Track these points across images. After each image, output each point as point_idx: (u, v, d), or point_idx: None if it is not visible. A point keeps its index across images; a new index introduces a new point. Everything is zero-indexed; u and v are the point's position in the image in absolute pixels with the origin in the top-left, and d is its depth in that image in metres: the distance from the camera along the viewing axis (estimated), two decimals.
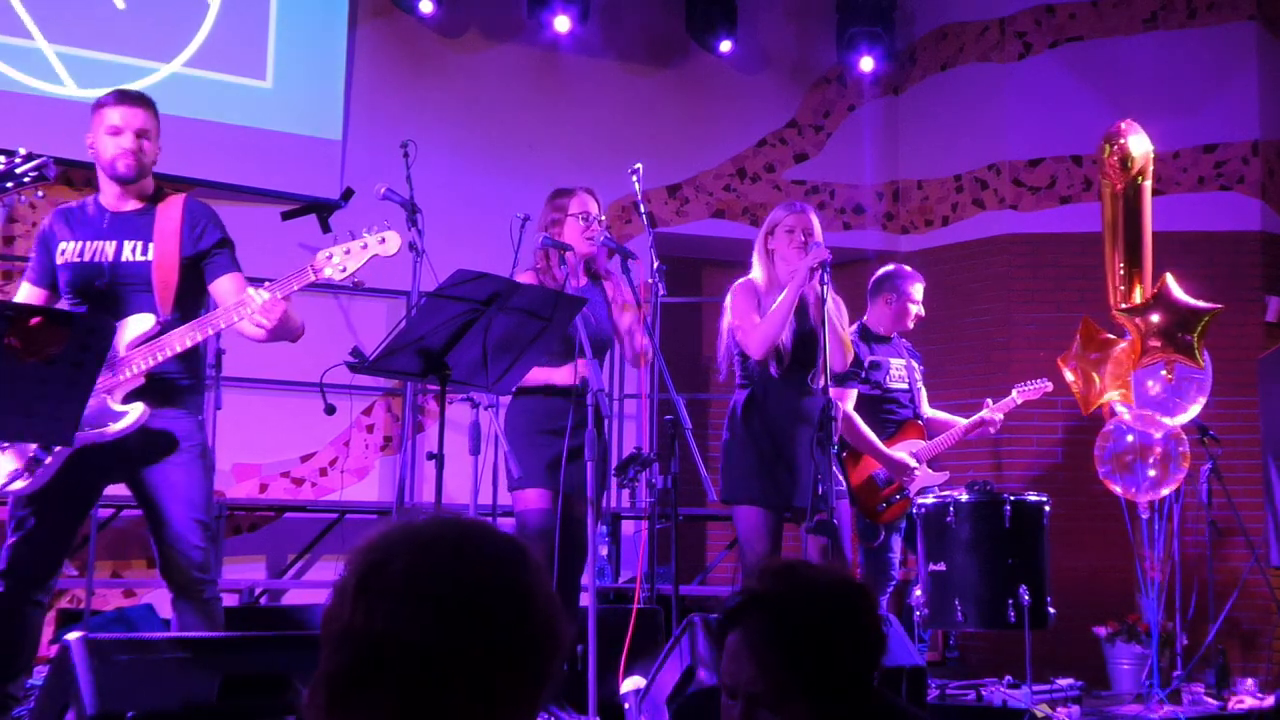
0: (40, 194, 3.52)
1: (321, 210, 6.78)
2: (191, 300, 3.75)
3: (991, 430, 6.19)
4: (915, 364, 6.16)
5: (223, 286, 3.75)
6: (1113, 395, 5.93)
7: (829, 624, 1.94)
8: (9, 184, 3.28)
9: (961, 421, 6.13)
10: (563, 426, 4.34)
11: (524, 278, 4.60)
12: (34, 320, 2.96)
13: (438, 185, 6.40)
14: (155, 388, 3.61)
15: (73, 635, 2.98)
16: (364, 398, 6.77)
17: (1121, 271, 5.93)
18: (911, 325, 6.08)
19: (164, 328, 3.61)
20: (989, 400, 6.18)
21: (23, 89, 6.21)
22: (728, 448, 4.75)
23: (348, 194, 6.81)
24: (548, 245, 4.58)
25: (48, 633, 5.49)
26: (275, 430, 6.67)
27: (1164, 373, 5.91)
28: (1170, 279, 5.87)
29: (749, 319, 4.72)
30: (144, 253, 3.67)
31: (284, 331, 3.67)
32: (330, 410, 4.31)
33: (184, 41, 6.60)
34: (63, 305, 3.74)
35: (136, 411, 3.56)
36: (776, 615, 1.94)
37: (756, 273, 4.83)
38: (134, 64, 6.44)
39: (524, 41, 7.54)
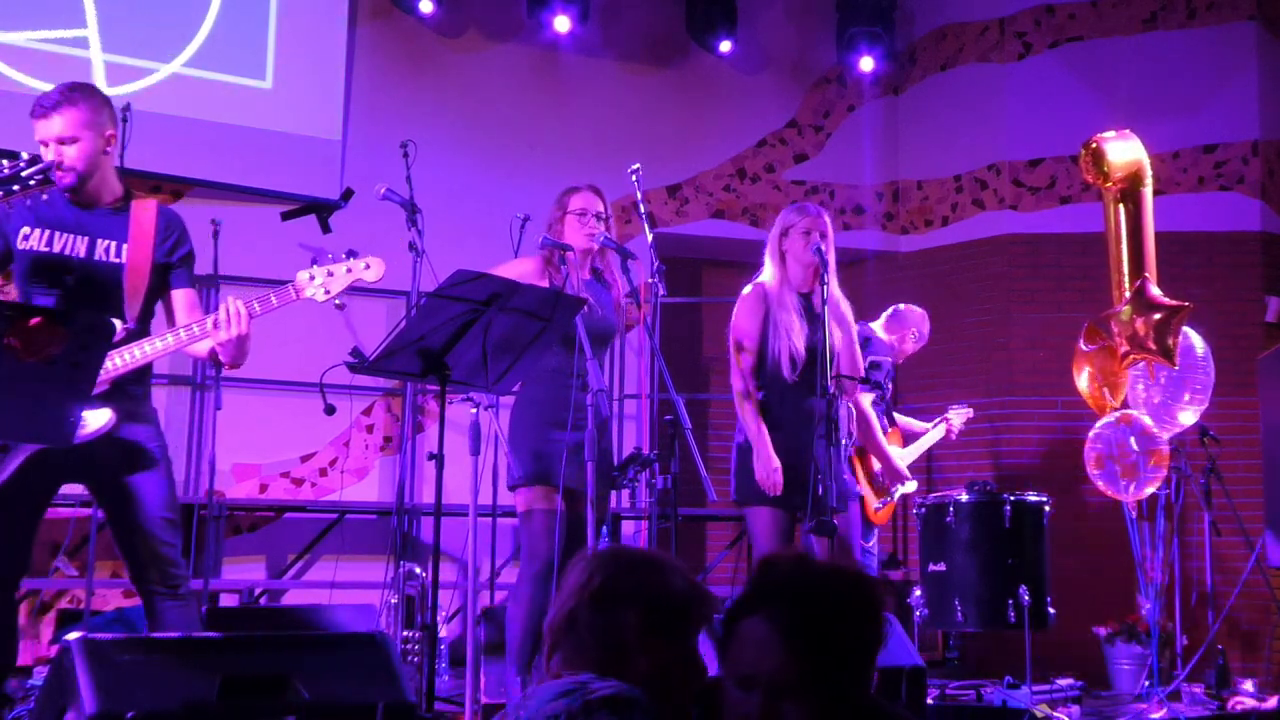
0: (45, 197, 3.50)
1: (321, 210, 6.78)
2: (154, 307, 3.72)
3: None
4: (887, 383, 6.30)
5: (178, 300, 3.71)
6: (1118, 398, 5.96)
7: (855, 610, 1.94)
8: (15, 188, 3.26)
9: (918, 425, 6.33)
10: (572, 419, 4.34)
11: (528, 262, 4.60)
12: (34, 320, 2.95)
13: (438, 185, 6.40)
14: (118, 393, 3.57)
15: (73, 635, 2.97)
16: (364, 398, 6.77)
17: (1127, 275, 5.94)
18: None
19: (129, 334, 3.56)
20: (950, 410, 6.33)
21: (23, 89, 6.21)
22: (742, 450, 4.75)
23: (348, 194, 6.81)
24: (547, 245, 4.58)
25: (47, 633, 5.50)
26: (275, 430, 6.67)
27: (1147, 374, 5.94)
28: (1149, 280, 5.89)
29: (745, 340, 4.77)
30: (117, 254, 3.60)
31: (237, 353, 3.62)
32: (330, 410, 4.30)
33: (184, 41, 6.60)
34: (12, 291, 3.64)
35: (104, 416, 3.51)
36: (806, 600, 1.92)
37: (768, 274, 4.82)
38: (134, 64, 6.44)
39: (524, 41, 7.54)
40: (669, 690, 2.15)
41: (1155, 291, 5.83)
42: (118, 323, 3.55)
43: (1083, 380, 6.02)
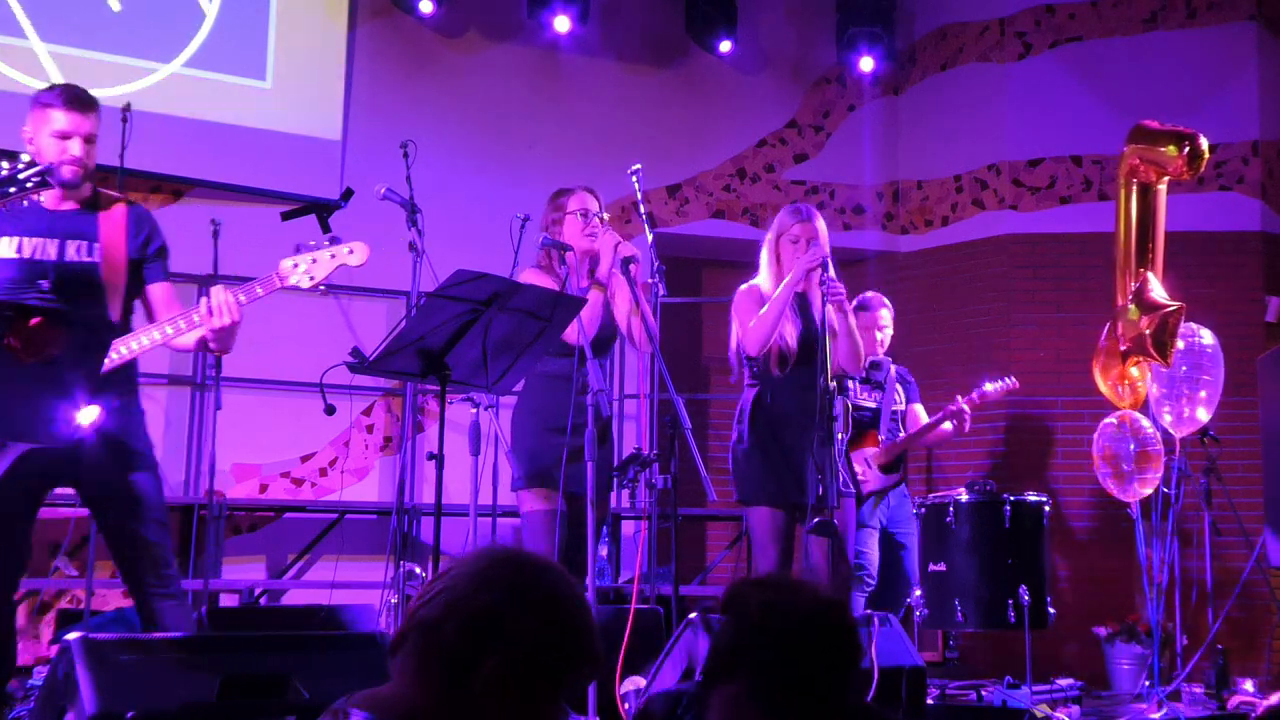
0: (39, 198, 3.50)
1: (321, 210, 6.78)
2: (133, 304, 3.71)
3: (965, 427, 6.15)
4: (900, 389, 6.22)
5: (155, 294, 3.72)
6: (1132, 396, 5.97)
7: (824, 651, 1.97)
8: (12, 189, 3.27)
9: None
10: (574, 424, 4.34)
11: (529, 274, 4.60)
12: (34, 320, 2.96)
13: (438, 185, 6.40)
14: (103, 390, 3.53)
15: (73, 635, 2.97)
16: (364, 398, 6.77)
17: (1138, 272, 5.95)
18: (880, 351, 6.15)
19: (115, 331, 3.57)
20: (958, 396, 6.19)
21: (23, 89, 6.21)
22: (736, 449, 4.77)
23: (348, 194, 6.81)
24: (547, 245, 4.58)
25: (47, 633, 5.50)
26: (275, 430, 6.67)
27: (1159, 372, 5.94)
28: (1152, 277, 5.88)
29: (749, 320, 4.74)
30: (89, 254, 3.61)
31: (229, 339, 3.64)
32: (330, 410, 4.30)
33: (184, 41, 6.60)
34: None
35: (92, 414, 3.50)
36: (777, 663, 1.94)
37: (763, 276, 4.84)
38: (134, 64, 6.43)
39: (524, 41, 7.54)
40: None
41: (1155, 293, 5.83)
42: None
43: (1100, 379, 6.03)
